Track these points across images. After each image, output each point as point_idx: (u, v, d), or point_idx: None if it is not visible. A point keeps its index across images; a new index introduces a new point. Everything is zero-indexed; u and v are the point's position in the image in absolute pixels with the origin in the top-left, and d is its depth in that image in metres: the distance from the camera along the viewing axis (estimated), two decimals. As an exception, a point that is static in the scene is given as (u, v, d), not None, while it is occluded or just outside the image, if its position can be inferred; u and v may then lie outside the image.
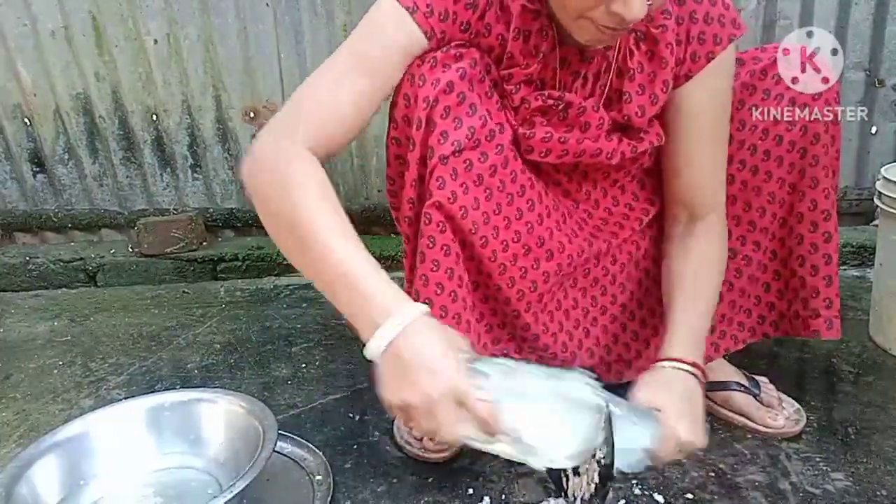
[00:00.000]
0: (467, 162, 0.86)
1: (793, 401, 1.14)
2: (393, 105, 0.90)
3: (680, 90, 0.95)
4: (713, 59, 0.93)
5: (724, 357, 1.17)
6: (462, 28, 0.88)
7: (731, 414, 1.13)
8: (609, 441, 0.76)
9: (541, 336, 1.01)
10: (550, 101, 0.90)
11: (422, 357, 0.71)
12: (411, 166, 0.88)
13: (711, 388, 1.14)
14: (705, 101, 0.96)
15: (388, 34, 0.85)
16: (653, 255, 1.10)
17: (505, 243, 0.92)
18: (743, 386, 1.13)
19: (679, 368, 0.88)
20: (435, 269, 0.89)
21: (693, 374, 0.88)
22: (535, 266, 0.96)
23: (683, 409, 0.83)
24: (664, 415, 0.81)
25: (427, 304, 0.86)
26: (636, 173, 1.06)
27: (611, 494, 0.96)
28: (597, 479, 0.80)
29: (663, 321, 0.98)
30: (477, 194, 0.87)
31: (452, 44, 0.87)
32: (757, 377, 1.17)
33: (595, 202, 1.06)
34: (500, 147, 0.88)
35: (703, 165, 0.99)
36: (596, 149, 0.93)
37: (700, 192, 1.00)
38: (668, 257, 1.03)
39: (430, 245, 0.88)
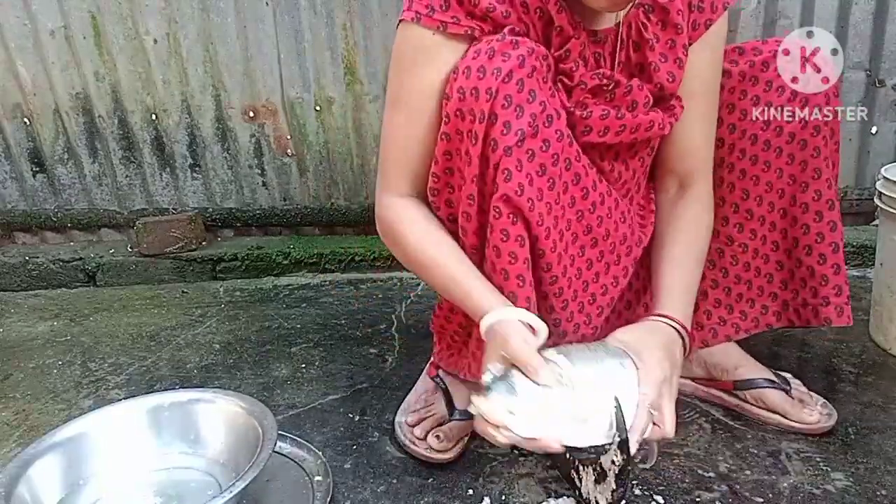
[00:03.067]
0: (530, 152, 0.84)
1: (818, 396, 1.14)
2: (445, 99, 0.87)
3: None
4: (710, 26, 0.94)
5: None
6: (488, 8, 0.86)
7: (764, 412, 1.12)
8: (622, 429, 0.76)
9: (581, 327, 1.01)
10: (605, 80, 0.90)
11: (505, 332, 0.81)
12: (473, 161, 0.86)
13: (742, 386, 1.14)
14: (700, 68, 0.97)
15: (408, 62, 0.90)
16: None
17: (561, 232, 0.92)
18: (774, 383, 1.13)
19: (663, 321, 0.89)
20: (513, 261, 0.89)
21: (676, 329, 0.89)
22: (580, 253, 0.96)
23: (662, 355, 0.83)
24: (642, 356, 0.82)
25: (512, 297, 0.91)
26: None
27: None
28: (613, 483, 0.81)
29: (651, 285, 0.99)
30: (541, 185, 0.86)
31: (506, 30, 0.86)
32: (783, 373, 1.16)
33: (627, 190, 1.05)
34: (559, 133, 0.87)
35: (695, 132, 1.00)
36: (649, 122, 0.94)
37: (691, 160, 1.02)
38: (659, 224, 1.04)
39: (504, 238, 0.87)
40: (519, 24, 0.88)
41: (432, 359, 1.16)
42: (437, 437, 1.06)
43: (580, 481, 0.84)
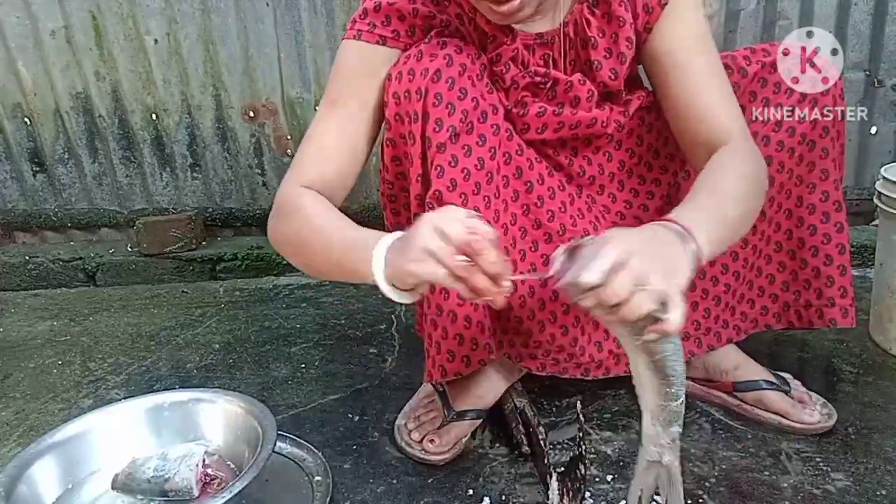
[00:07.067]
0: (466, 147, 0.86)
1: (818, 396, 1.14)
2: (385, 106, 0.90)
3: (648, 42, 0.94)
4: (667, 4, 0.92)
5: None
6: (428, 17, 0.89)
7: (765, 413, 1.12)
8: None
9: (547, 325, 1.00)
10: (538, 78, 0.91)
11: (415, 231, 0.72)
12: (415, 161, 0.88)
13: (741, 387, 1.14)
14: (678, 40, 0.94)
15: (347, 69, 0.93)
16: None
17: (505, 227, 0.92)
18: (773, 384, 1.13)
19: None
20: None
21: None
22: (532, 248, 0.96)
23: (633, 233, 0.71)
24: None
25: (443, 297, 0.90)
26: (643, 154, 1.05)
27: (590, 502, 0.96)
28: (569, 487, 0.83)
29: None
30: (479, 178, 0.87)
31: (433, 33, 0.88)
32: (782, 374, 1.16)
33: (600, 187, 1.05)
34: (496, 127, 0.88)
35: (704, 93, 0.93)
36: (591, 118, 0.93)
37: (713, 121, 0.92)
38: None
39: None
40: (457, 34, 0.91)
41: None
42: (432, 441, 1.07)
43: (549, 487, 0.86)
